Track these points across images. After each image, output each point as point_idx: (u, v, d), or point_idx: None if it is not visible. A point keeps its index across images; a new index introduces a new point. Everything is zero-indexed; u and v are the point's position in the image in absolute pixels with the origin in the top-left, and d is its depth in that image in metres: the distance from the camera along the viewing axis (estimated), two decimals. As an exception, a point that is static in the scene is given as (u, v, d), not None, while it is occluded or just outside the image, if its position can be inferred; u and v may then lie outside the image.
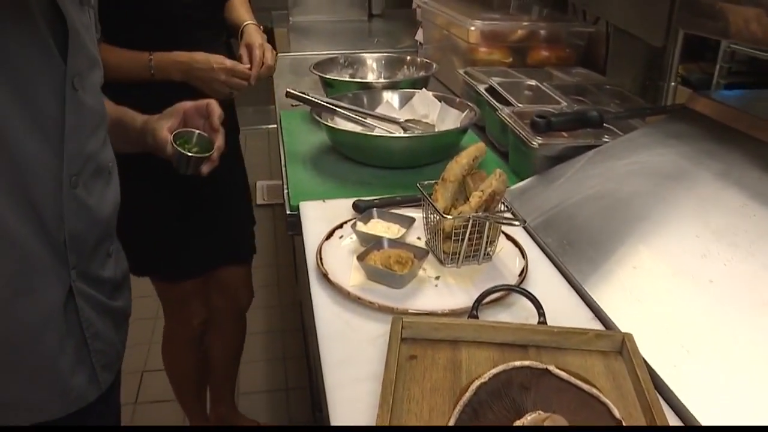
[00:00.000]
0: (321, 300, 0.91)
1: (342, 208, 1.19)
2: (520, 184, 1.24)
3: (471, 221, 0.91)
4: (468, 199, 0.98)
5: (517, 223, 0.85)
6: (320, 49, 2.71)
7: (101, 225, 0.91)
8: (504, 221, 0.88)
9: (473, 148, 0.97)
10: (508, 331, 0.79)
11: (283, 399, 2.45)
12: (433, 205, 0.95)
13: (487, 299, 0.85)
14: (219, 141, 1.14)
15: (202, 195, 1.55)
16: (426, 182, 1.02)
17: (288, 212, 1.25)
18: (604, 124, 1.29)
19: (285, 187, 1.34)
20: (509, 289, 0.84)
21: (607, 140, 1.25)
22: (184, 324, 1.75)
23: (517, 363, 0.63)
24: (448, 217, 0.91)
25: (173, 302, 1.70)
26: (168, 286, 1.66)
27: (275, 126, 3.68)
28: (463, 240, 0.93)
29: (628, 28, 1.72)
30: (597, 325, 0.86)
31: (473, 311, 0.81)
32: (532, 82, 1.63)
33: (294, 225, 1.24)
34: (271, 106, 3.87)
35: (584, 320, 0.87)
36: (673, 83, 1.69)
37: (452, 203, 0.98)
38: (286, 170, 1.41)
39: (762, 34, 1.03)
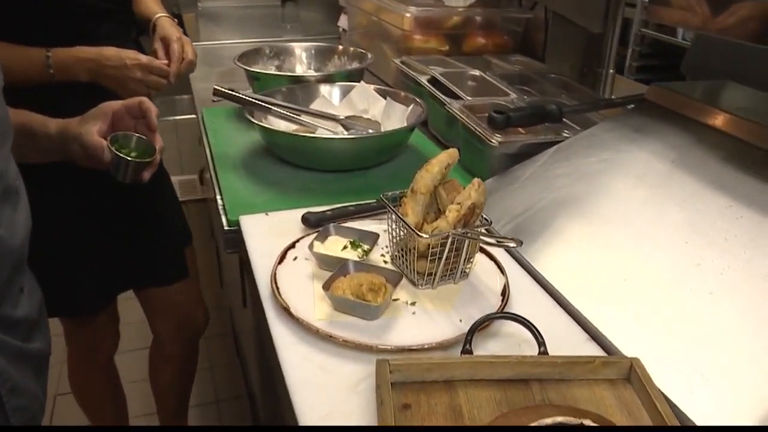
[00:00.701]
0: (284, 339, 0.78)
1: (289, 221, 1.07)
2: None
3: (450, 239, 0.81)
4: (440, 212, 0.89)
5: (512, 244, 0.76)
6: (232, 38, 2.54)
7: (13, 257, 0.75)
8: (495, 243, 0.78)
9: (445, 155, 0.87)
10: (508, 366, 0.70)
11: (215, 412, 2.29)
12: (404, 222, 0.84)
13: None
14: (159, 142, 1.01)
15: (110, 212, 1.36)
16: (390, 193, 0.92)
17: (226, 228, 1.11)
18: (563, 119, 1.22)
19: (219, 198, 1.19)
20: (504, 318, 0.75)
21: (567, 135, 1.19)
22: (90, 349, 1.56)
23: (548, 420, 0.54)
24: (424, 235, 0.81)
25: (78, 331, 1.51)
26: (73, 321, 1.46)
27: (184, 117, 3.45)
28: (440, 259, 0.83)
29: (567, 14, 1.68)
30: (593, 347, 0.79)
31: (467, 345, 0.71)
32: (476, 72, 1.55)
33: (233, 242, 1.11)
34: (177, 97, 3.63)
35: (578, 342, 0.80)
36: (611, 70, 1.66)
37: (424, 217, 0.87)
38: (216, 178, 1.26)
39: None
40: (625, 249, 0.88)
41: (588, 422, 0.54)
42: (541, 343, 0.71)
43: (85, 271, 1.33)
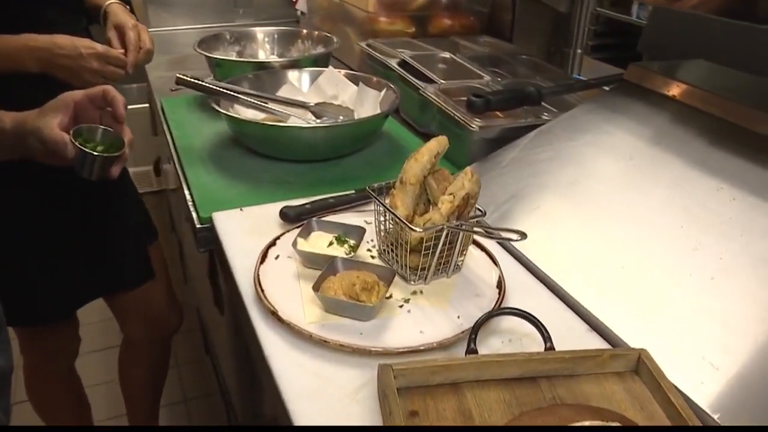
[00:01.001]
0: (274, 346, 0.73)
1: (266, 217, 1.01)
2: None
3: (445, 232, 0.77)
4: (430, 202, 0.85)
5: (515, 237, 0.72)
6: (183, 23, 2.45)
7: None
8: (496, 236, 0.74)
9: (434, 143, 0.83)
10: (515, 365, 0.67)
11: (183, 411, 2.22)
12: (395, 215, 0.80)
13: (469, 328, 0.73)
14: (128, 134, 0.93)
15: (69, 213, 1.27)
16: (376, 184, 0.87)
17: (198, 226, 1.04)
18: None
19: (187, 193, 1.12)
20: (507, 314, 0.72)
21: (547, 118, 1.16)
22: (49, 358, 1.47)
23: (578, 424, 0.51)
24: (418, 229, 0.77)
25: (36, 340, 1.42)
26: (30, 330, 1.37)
27: (134, 107, 3.32)
28: (434, 254, 0.79)
29: (534, -7, 1.65)
30: (594, 338, 0.77)
31: (471, 345, 0.68)
32: (446, 55, 1.51)
33: (207, 240, 1.05)
34: (126, 86, 3.49)
35: (579, 334, 0.77)
36: (579, 50, 1.64)
37: (414, 209, 0.83)
38: (183, 172, 1.19)
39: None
40: (620, 235, 0.86)
41: (616, 425, 0.51)
42: (547, 338, 0.69)
43: (44, 276, 1.24)
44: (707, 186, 0.87)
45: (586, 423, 0.51)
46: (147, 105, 2.53)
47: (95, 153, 0.88)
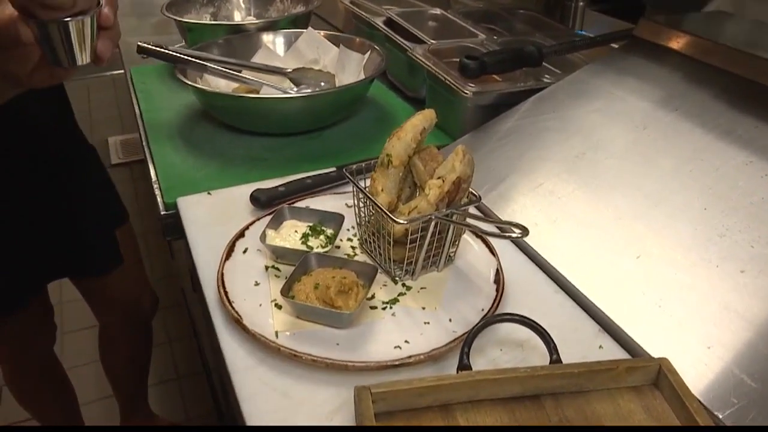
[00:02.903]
0: (238, 360, 0.63)
1: (236, 201, 0.91)
2: (454, 144, 1.01)
3: (433, 223, 0.67)
4: (417, 186, 0.74)
5: (516, 233, 0.61)
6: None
7: None
8: (493, 232, 0.63)
9: (419, 118, 0.72)
10: (516, 382, 0.57)
11: (176, 390, 2.16)
12: (375, 204, 0.69)
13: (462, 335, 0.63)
14: None
15: (27, 197, 1.13)
16: (354, 165, 0.76)
17: (162, 212, 0.94)
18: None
19: (153, 174, 1.02)
20: (507, 321, 0.61)
21: (549, 81, 1.05)
22: (23, 349, 1.37)
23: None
24: (401, 221, 0.66)
25: (6, 331, 1.31)
26: None
27: (122, 71, 3.19)
28: (421, 246, 0.69)
29: (534, -60, 1.51)
30: (606, 340, 0.67)
31: (464, 360, 0.58)
32: (437, 11, 1.38)
33: (172, 228, 0.94)
34: (115, 50, 3.33)
35: (589, 336, 0.68)
36: (582, 2, 1.51)
37: (398, 194, 0.73)
38: (150, 151, 1.09)
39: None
40: (635, 218, 0.75)
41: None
42: (553, 350, 0.59)
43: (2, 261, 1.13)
44: (734, 159, 0.76)
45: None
46: (122, 71, 2.39)
47: (67, 19, 0.56)
